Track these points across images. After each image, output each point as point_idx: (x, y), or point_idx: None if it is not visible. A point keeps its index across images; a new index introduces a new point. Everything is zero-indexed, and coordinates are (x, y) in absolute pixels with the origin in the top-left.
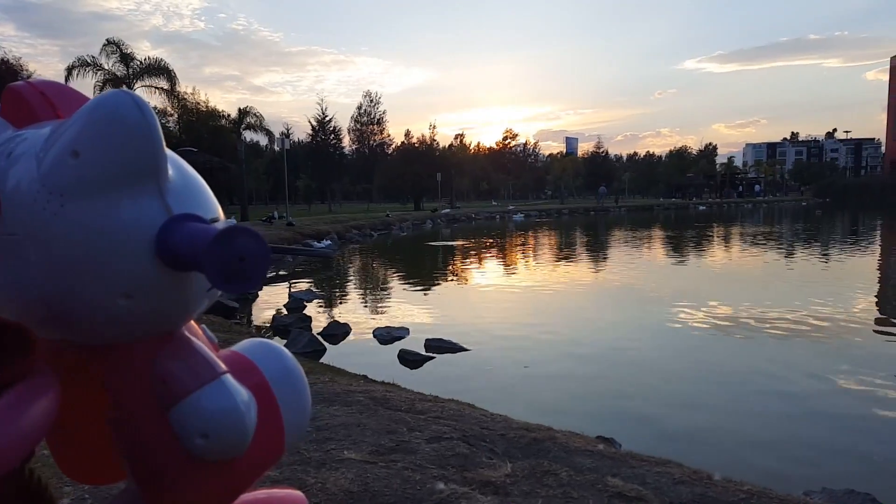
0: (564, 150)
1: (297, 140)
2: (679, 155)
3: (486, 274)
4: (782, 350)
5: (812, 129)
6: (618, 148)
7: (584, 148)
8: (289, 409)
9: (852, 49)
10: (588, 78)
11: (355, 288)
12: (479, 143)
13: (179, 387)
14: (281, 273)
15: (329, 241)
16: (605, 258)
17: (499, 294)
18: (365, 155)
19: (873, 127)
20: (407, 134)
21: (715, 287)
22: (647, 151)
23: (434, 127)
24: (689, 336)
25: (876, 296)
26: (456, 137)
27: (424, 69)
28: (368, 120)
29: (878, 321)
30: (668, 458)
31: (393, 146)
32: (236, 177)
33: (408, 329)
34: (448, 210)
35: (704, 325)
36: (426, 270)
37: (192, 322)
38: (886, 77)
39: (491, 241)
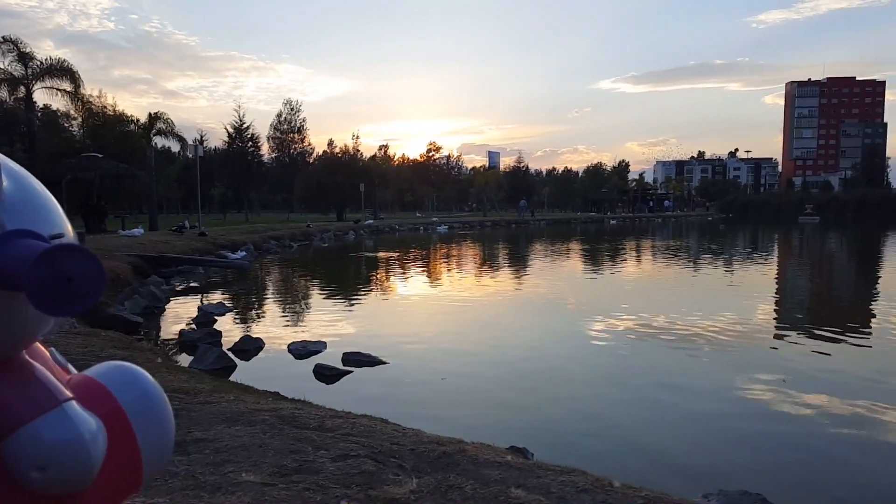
0: (487, 164)
1: (212, 147)
2: (595, 171)
3: (408, 285)
4: (687, 358)
5: (717, 149)
6: (538, 163)
7: (505, 162)
8: (147, 438)
9: (752, 74)
10: (510, 94)
11: (271, 301)
12: (403, 155)
13: (14, 416)
14: (192, 286)
15: (244, 252)
16: (524, 270)
17: (421, 306)
18: (285, 164)
19: (771, 148)
20: (330, 143)
21: (627, 298)
22: (566, 167)
23: (357, 137)
24: (602, 346)
25: (772, 305)
26: (380, 148)
27: (347, 79)
28: (289, 128)
29: (774, 329)
30: (573, 467)
31: (314, 155)
32: (145, 184)
33: (325, 343)
34: (371, 221)
35: (617, 335)
36: (347, 282)
37: (39, 345)
38: (782, 101)
39: (414, 252)
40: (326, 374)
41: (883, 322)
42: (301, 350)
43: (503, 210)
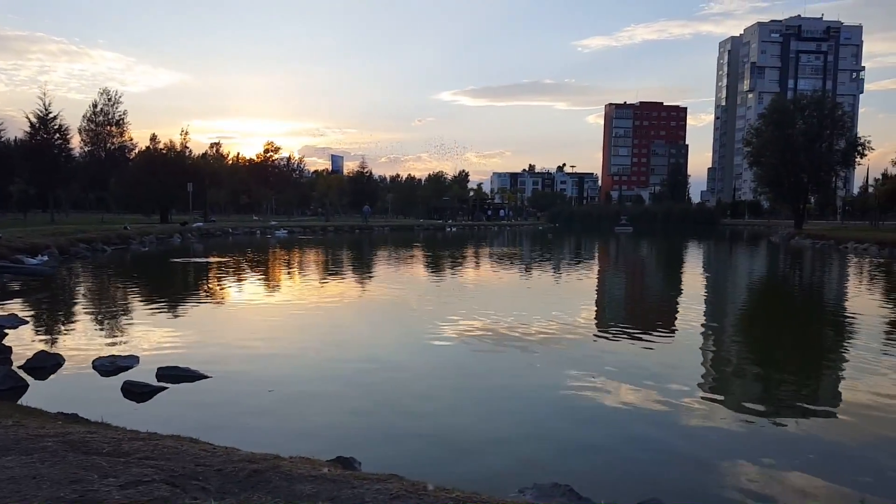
0: (330, 168)
1: (11, 138)
2: (436, 179)
3: (240, 293)
4: (517, 359)
5: (546, 163)
6: (382, 169)
7: (349, 167)
8: None
9: (577, 95)
10: (354, 98)
11: (77, 312)
12: (238, 154)
13: None
14: None
15: (45, 257)
16: (367, 276)
17: (253, 314)
18: (100, 159)
19: (593, 163)
20: (153, 138)
21: (466, 302)
22: (409, 174)
23: (186, 133)
24: (441, 350)
25: (593, 307)
26: (212, 146)
27: (176, 71)
28: (105, 120)
29: (595, 329)
30: (392, 474)
31: (136, 151)
32: None
33: (137, 357)
34: (201, 224)
35: (455, 339)
36: (169, 290)
37: None
38: (602, 121)
39: (249, 258)
40: (137, 392)
41: (684, 320)
42: (108, 366)
43: (346, 215)
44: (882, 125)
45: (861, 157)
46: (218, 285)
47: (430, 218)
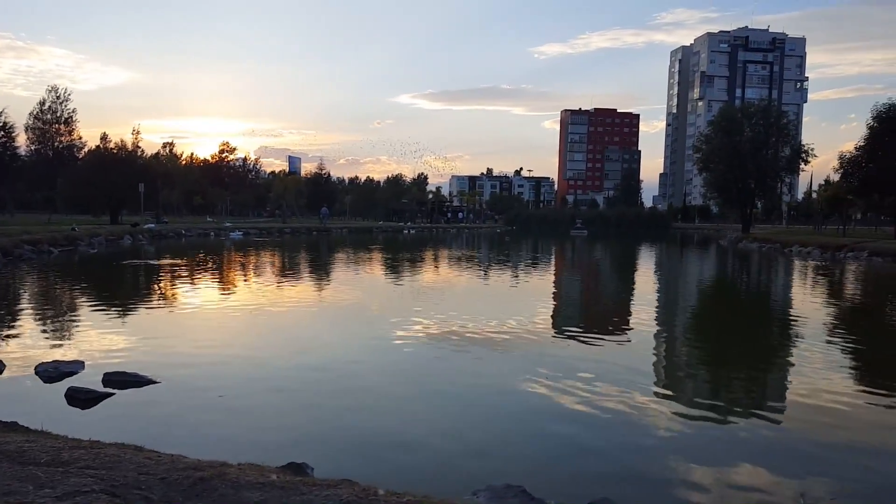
0: (287, 169)
1: None
2: (395, 182)
3: (192, 296)
4: (476, 360)
5: (504, 167)
6: (340, 171)
7: (307, 168)
8: None
9: (534, 100)
10: (312, 99)
11: (20, 315)
12: (192, 154)
13: None
14: None
15: None
16: (325, 278)
17: (204, 318)
18: (48, 158)
19: (550, 168)
20: (104, 137)
21: (426, 304)
22: (368, 176)
23: (138, 132)
24: (401, 352)
25: (550, 309)
26: (164, 146)
27: (127, 69)
28: (53, 118)
29: (552, 330)
30: (345, 479)
31: (85, 150)
32: None
33: (83, 363)
34: (153, 225)
35: (415, 341)
36: (118, 294)
37: None
38: (558, 127)
39: (202, 260)
40: (82, 399)
41: (638, 321)
42: (51, 372)
43: (304, 217)
44: (825, 133)
45: (805, 164)
46: (169, 288)
47: (388, 220)
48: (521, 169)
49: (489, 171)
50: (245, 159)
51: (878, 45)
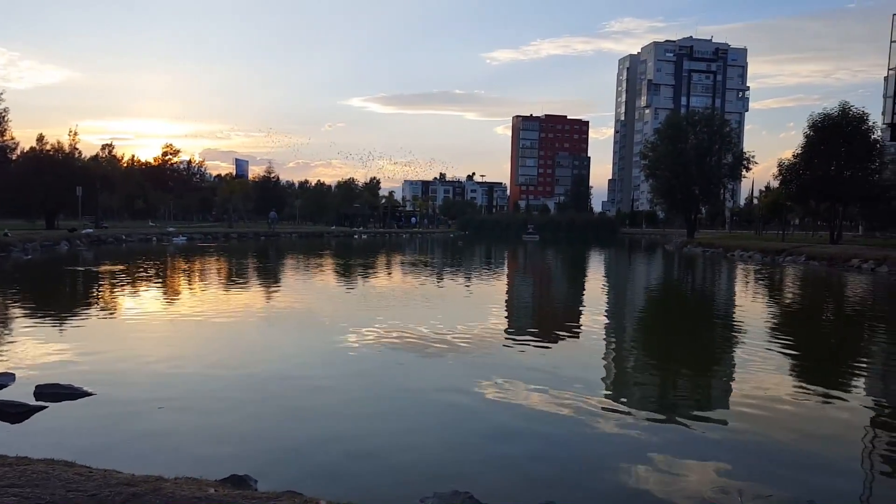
0: (234, 172)
1: None
2: (347, 186)
3: (132, 304)
4: (429, 366)
5: (457, 171)
6: (290, 174)
7: (255, 171)
8: None
9: (487, 106)
10: (260, 101)
11: None
12: (133, 157)
13: None
14: None
15: None
16: (273, 284)
17: (144, 327)
18: None
19: (502, 173)
20: (40, 139)
21: (379, 310)
22: (319, 180)
23: (75, 133)
24: (353, 359)
25: (503, 313)
26: (104, 148)
27: (65, 68)
28: None
29: (505, 334)
30: (287, 491)
31: (18, 152)
32: None
33: (13, 375)
34: (91, 230)
35: (368, 348)
36: (53, 302)
37: None
38: (510, 133)
39: (144, 266)
40: (11, 413)
41: (588, 324)
42: None
43: (252, 221)
44: (765, 141)
45: (746, 171)
46: (108, 296)
47: (340, 225)
48: (474, 174)
49: (442, 175)
50: (189, 162)
51: (814, 56)
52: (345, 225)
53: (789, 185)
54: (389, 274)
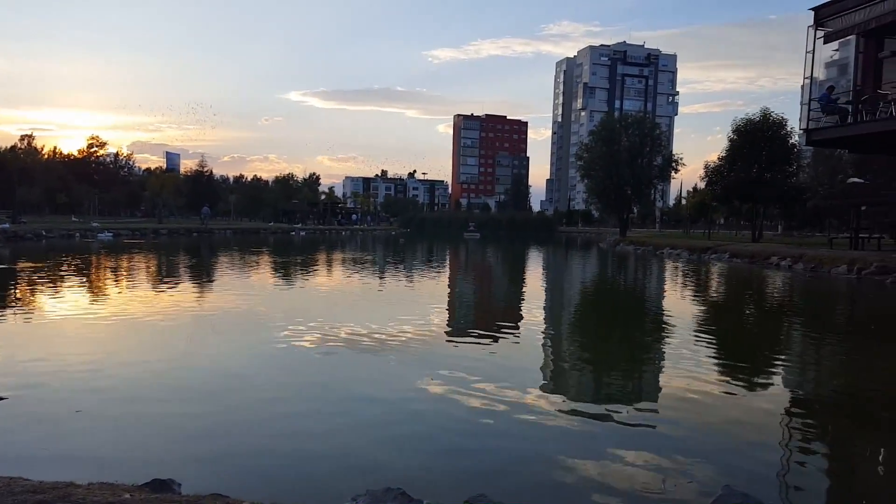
0: (165, 166)
1: None
2: (285, 182)
3: (49, 304)
4: (370, 365)
5: (399, 169)
6: (225, 168)
7: (187, 165)
8: None
9: (428, 104)
10: (194, 93)
11: None
12: (55, 149)
13: None
14: None
15: None
16: (205, 282)
17: (65, 328)
18: None
19: (444, 171)
20: None
21: (319, 309)
22: (255, 175)
23: None
24: (291, 359)
25: (445, 310)
26: (23, 139)
27: None
28: None
29: (446, 331)
30: (212, 494)
31: None
32: None
33: None
34: (7, 225)
35: (307, 347)
36: None
37: None
38: (451, 131)
39: (66, 263)
40: None
41: (527, 320)
42: None
43: (184, 217)
44: (693, 144)
45: (675, 172)
46: (26, 295)
47: (278, 221)
48: (416, 171)
49: (384, 173)
50: (117, 155)
51: (740, 64)
52: (283, 222)
53: (714, 187)
54: (329, 272)
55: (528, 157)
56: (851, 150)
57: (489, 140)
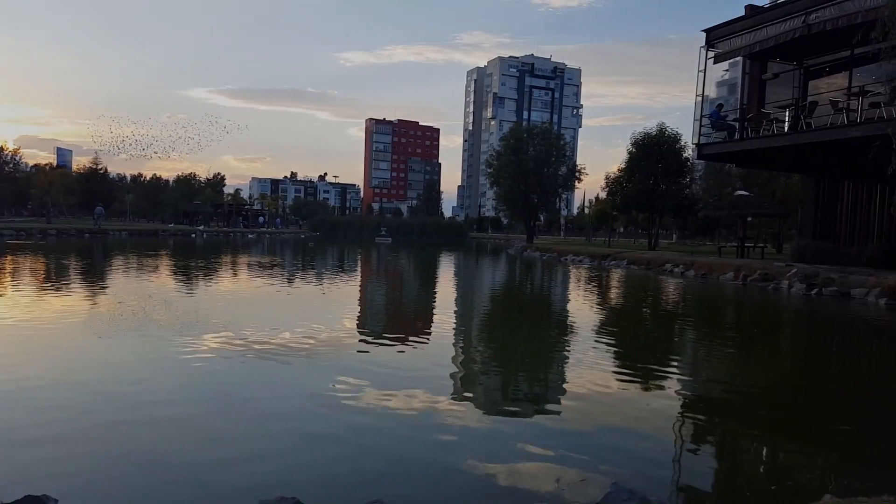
0: (55, 162)
1: None
2: (187, 181)
3: None
4: (273, 372)
5: (309, 171)
6: (121, 167)
7: (80, 162)
8: None
9: (340, 106)
10: (89, 86)
11: None
12: None
13: None
14: None
15: None
16: (98, 287)
17: None
18: None
19: (356, 175)
20: None
21: (220, 314)
22: (155, 174)
23: None
24: (184, 369)
25: (354, 316)
26: None
27: None
28: None
29: (357, 337)
30: None
31: None
32: None
33: None
34: None
35: (206, 354)
36: None
37: None
38: (363, 135)
39: None
40: None
41: (437, 325)
42: None
43: (76, 217)
44: (596, 156)
45: (578, 182)
46: None
47: (179, 223)
48: (326, 174)
49: (293, 174)
50: (1, 149)
51: (640, 80)
52: (184, 223)
53: (614, 197)
54: (234, 276)
55: (440, 164)
56: (738, 164)
57: (401, 145)
